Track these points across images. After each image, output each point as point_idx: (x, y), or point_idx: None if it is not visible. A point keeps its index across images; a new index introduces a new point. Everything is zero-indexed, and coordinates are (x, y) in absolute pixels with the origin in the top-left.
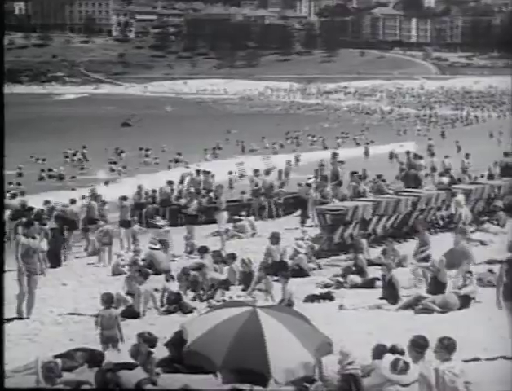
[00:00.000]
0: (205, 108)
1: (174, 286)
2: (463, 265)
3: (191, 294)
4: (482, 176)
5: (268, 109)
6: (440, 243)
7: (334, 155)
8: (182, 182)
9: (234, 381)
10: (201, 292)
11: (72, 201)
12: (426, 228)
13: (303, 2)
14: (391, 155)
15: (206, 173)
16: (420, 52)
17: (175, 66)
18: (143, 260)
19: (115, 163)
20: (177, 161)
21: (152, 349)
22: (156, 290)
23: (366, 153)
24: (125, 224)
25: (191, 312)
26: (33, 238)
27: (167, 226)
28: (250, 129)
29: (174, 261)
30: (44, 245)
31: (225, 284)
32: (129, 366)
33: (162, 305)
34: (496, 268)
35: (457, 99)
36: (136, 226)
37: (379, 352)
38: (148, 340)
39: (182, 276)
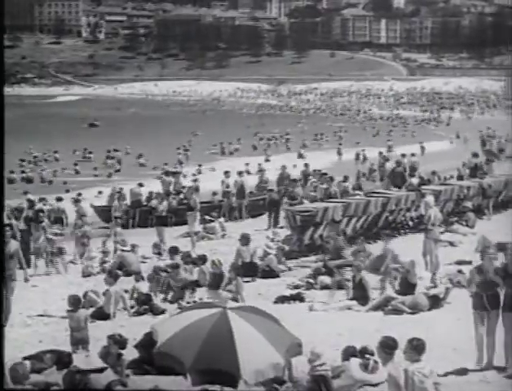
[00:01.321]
0: (175, 109)
1: (145, 287)
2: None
3: (161, 295)
4: (451, 177)
5: (238, 110)
6: (410, 244)
7: (300, 155)
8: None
9: (204, 382)
10: (172, 293)
11: (59, 199)
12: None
13: (273, 3)
14: (357, 156)
15: (176, 173)
16: (389, 53)
17: (145, 67)
18: (113, 261)
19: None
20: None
21: (122, 351)
22: (126, 291)
23: (339, 153)
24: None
25: (161, 313)
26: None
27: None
28: (222, 130)
29: (144, 262)
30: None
31: (195, 285)
32: (99, 368)
33: (132, 307)
34: (465, 268)
35: (427, 100)
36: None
37: (349, 353)
38: (119, 341)
39: (153, 277)
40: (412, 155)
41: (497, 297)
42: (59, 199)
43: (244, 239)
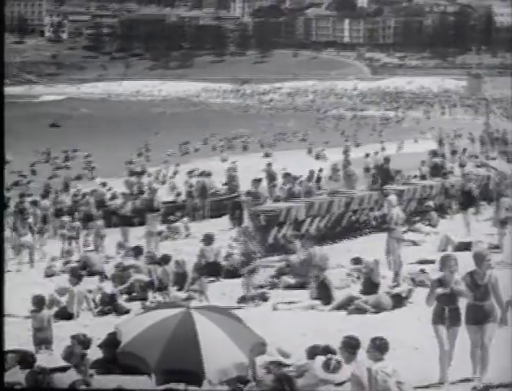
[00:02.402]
0: (138, 109)
1: (109, 287)
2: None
3: (126, 295)
4: (415, 176)
5: (202, 110)
6: (373, 243)
7: (267, 155)
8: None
9: (168, 381)
10: (135, 293)
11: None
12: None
13: (237, 2)
14: (318, 156)
15: (140, 174)
16: (353, 53)
17: (109, 67)
18: (77, 261)
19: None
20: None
21: (86, 351)
22: (90, 291)
23: (310, 152)
24: None
25: (125, 313)
26: None
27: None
28: (184, 130)
29: (107, 262)
30: None
31: (151, 286)
32: (61, 367)
33: (96, 307)
34: (427, 268)
35: (390, 100)
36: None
37: (312, 352)
38: (82, 342)
39: (116, 276)
40: (376, 153)
41: (458, 311)
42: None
43: (208, 239)
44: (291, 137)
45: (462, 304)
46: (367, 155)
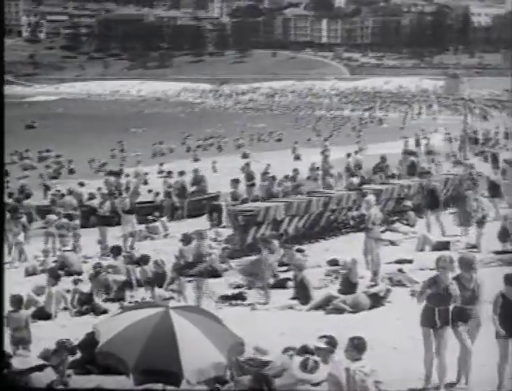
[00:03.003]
0: (116, 109)
1: (86, 287)
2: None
3: (103, 295)
4: (393, 176)
5: (179, 110)
6: (351, 243)
7: (245, 155)
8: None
9: (146, 381)
10: (112, 294)
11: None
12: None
13: (215, 2)
14: (297, 157)
15: (116, 174)
16: (331, 53)
17: (87, 67)
18: (54, 261)
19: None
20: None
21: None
22: (68, 291)
23: (293, 152)
24: None
25: (103, 313)
26: None
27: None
28: (161, 130)
29: (85, 262)
30: None
31: (128, 286)
32: (39, 366)
33: (74, 307)
34: (405, 267)
35: (368, 100)
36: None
37: (292, 353)
38: (70, 349)
39: (93, 276)
40: (354, 154)
41: (448, 313)
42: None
43: (187, 239)
44: (268, 137)
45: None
46: (348, 154)
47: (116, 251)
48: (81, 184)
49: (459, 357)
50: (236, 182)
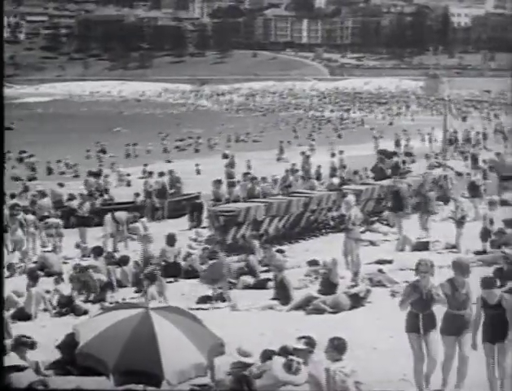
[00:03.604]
0: (96, 109)
1: (67, 288)
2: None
3: (83, 296)
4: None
5: (159, 110)
6: (331, 244)
7: (226, 156)
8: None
9: (127, 382)
10: (93, 294)
11: (12, 196)
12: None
13: (196, 3)
14: (278, 159)
15: (96, 174)
16: (311, 53)
17: (67, 67)
18: (34, 262)
19: None
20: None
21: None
22: (47, 292)
23: (281, 152)
24: None
25: (83, 314)
26: None
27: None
28: (140, 130)
29: (66, 263)
30: None
31: (109, 287)
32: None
33: (54, 308)
34: (385, 268)
35: (348, 100)
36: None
37: (267, 356)
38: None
39: (73, 277)
40: (341, 152)
41: (433, 318)
42: None
43: (171, 240)
44: (248, 137)
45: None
46: (332, 154)
47: (97, 251)
48: (61, 185)
49: (443, 363)
50: (218, 182)
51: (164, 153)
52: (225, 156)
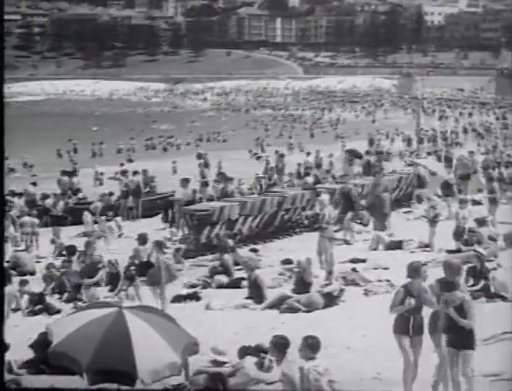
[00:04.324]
0: (70, 109)
1: (39, 287)
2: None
3: (56, 295)
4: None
5: (131, 109)
6: (306, 243)
7: (200, 155)
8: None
9: (101, 381)
10: (67, 293)
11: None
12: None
13: (170, 2)
14: (259, 157)
15: (70, 173)
16: (285, 52)
17: (40, 66)
18: (7, 261)
19: None
20: None
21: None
22: (19, 291)
23: (262, 150)
24: None
25: (57, 313)
26: None
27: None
28: (111, 129)
29: (39, 262)
30: None
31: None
32: None
33: (27, 307)
34: (359, 267)
35: (322, 99)
36: None
37: (244, 352)
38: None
39: (47, 276)
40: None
41: (423, 321)
42: None
43: (142, 239)
44: (222, 136)
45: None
46: (308, 153)
47: (70, 250)
48: (34, 184)
49: (438, 365)
50: (185, 181)
51: (136, 152)
52: (199, 156)
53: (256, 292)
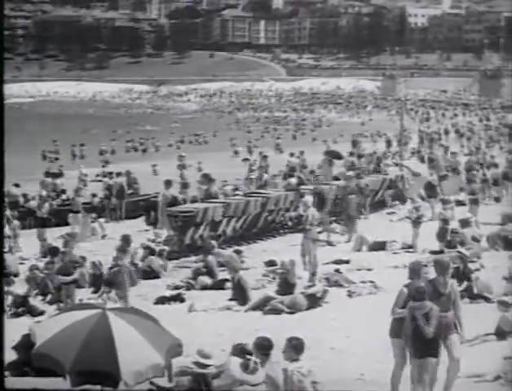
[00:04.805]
0: (54, 111)
1: (22, 289)
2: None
3: (40, 297)
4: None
5: (117, 111)
6: (289, 244)
7: (181, 157)
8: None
9: (84, 383)
10: (50, 295)
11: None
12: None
13: (153, 4)
14: (245, 159)
15: (54, 175)
16: (268, 54)
17: (23, 68)
18: None
19: None
20: None
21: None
22: (5, 293)
23: (250, 151)
24: None
25: (40, 315)
26: None
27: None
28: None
29: (22, 264)
30: None
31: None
32: None
33: (10, 309)
34: (342, 268)
35: (306, 101)
36: None
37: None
38: None
39: (30, 278)
40: (291, 155)
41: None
42: None
43: (125, 241)
44: (205, 138)
45: None
46: (291, 154)
47: (53, 251)
48: (17, 185)
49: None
50: (169, 183)
51: (117, 154)
52: (180, 158)
53: (240, 294)
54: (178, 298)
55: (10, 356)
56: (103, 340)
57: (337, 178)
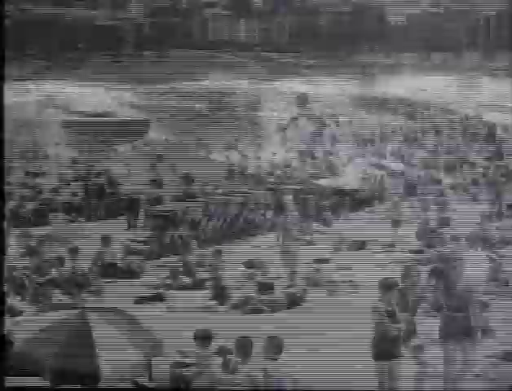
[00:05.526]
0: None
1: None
2: None
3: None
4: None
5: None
6: (268, 244)
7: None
8: None
9: (63, 383)
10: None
11: None
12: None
13: (133, 3)
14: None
15: (35, 174)
16: (249, 52)
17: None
18: None
19: None
20: None
21: None
22: None
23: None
24: None
25: (18, 314)
26: None
27: None
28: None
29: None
30: None
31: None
32: None
33: None
34: (322, 267)
35: (286, 99)
36: None
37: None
38: None
39: (8, 278)
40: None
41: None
42: None
43: (106, 240)
44: (184, 138)
45: None
46: (274, 154)
47: (32, 251)
48: None
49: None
50: (154, 182)
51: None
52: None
53: (219, 293)
54: (158, 298)
55: None
56: (82, 340)
57: None
